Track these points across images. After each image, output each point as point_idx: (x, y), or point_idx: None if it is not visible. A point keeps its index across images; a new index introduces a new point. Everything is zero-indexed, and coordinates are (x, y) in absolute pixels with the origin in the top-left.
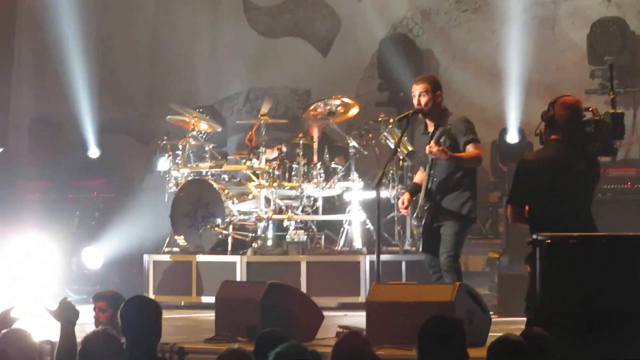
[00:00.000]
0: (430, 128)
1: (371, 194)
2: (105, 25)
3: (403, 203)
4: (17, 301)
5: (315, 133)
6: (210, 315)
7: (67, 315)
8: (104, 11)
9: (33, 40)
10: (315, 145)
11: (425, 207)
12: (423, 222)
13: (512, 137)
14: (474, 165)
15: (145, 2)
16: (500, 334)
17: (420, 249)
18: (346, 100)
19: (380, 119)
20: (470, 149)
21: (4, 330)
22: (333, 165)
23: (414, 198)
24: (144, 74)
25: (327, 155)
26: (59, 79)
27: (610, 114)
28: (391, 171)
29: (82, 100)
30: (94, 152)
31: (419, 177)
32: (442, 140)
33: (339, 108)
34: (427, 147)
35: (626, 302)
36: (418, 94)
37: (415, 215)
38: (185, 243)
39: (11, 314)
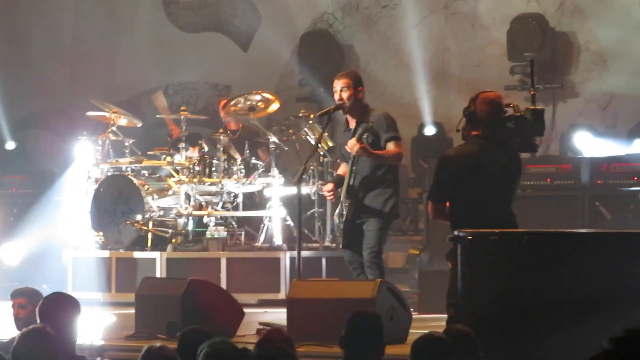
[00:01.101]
0: (352, 124)
1: (292, 190)
2: (24, 18)
3: (329, 190)
4: None
5: (233, 127)
6: (130, 312)
7: None
8: (22, 4)
9: None
10: (234, 138)
11: (347, 204)
12: (344, 219)
13: (430, 130)
14: (395, 162)
15: None
16: (421, 331)
17: (341, 245)
18: (267, 95)
19: (300, 115)
20: (391, 146)
21: None
22: (253, 161)
23: (338, 190)
24: (64, 68)
25: (248, 151)
26: None
27: (530, 110)
28: (312, 167)
29: None
30: (10, 145)
31: (343, 169)
32: (364, 137)
33: (259, 103)
34: (349, 144)
35: (546, 299)
36: (339, 89)
37: (337, 211)
38: (105, 239)
39: None
